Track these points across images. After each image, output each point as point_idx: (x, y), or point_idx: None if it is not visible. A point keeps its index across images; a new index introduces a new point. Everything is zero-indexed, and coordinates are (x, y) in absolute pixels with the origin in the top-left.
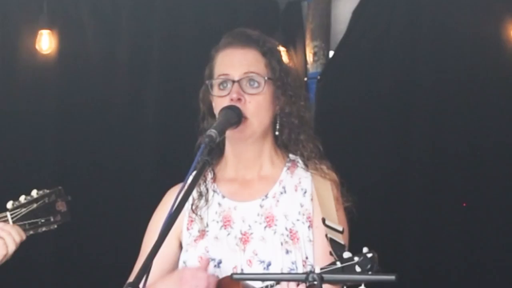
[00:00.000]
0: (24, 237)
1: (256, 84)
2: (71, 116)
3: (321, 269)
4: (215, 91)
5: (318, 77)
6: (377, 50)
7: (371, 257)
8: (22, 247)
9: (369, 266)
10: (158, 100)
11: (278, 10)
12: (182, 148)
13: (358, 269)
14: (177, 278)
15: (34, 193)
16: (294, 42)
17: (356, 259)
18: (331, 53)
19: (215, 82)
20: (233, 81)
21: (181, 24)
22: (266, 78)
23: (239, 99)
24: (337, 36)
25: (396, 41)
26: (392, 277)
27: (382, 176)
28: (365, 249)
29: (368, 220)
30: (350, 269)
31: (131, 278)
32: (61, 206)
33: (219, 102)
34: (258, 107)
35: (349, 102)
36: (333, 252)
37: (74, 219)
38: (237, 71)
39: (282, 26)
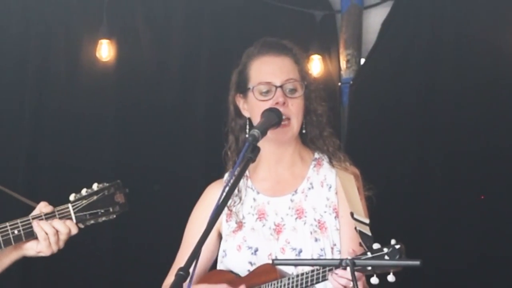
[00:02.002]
0: (74, 230)
1: (295, 89)
2: (128, 118)
3: (354, 258)
4: (257, 96)
5: (351, 82)
6: (403, 58)
7: (398, 248)
8: (83, 236)
9: (397, 256)
10: (206, 104)
11: (315, 21)
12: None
13: (387, 258)
14: None
15: (95, 186)
16: (329, 50)
17: (385, 250)
18: (362, 61)
19: (257, 88)
20: (276, 87)
21: (226, 35)
22: (302, 83)
23: (284, 103)
24: (368, 45)
25: (420, 49)
26: (417, 263)
27: (406, 170)
28: (393, 241)
29: (392, 212)
30: (379, 259)
31: (179, 264)
32: (120, 198)
33: (261, 106)
34: (298, 109)
35: (378, 104)
36: (362, 244)
37: (130, 211)
38: (278, 78)
39: (318, 36)
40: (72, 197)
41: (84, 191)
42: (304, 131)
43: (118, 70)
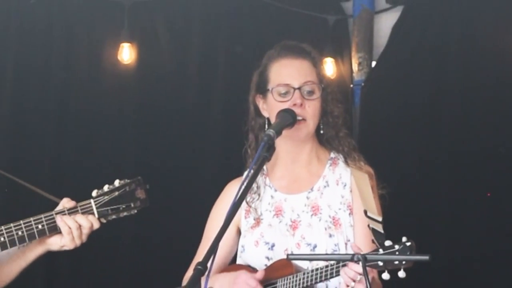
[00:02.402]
0: (96, 225)
1: (312, 91)
2: (148, 117)
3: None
4: (276, 97)
5: (362, 84)
6: (413, 61)
7: (409, 245)
8: (105, 230)
9: (408, 253)
10: (223, 104)
11: (328, 26)
12: (242, 147)
13: (398, 255)
14: (233, 277)
15: (116, 182)
16: (341, 53)
17: (396, 246)
18: (374, 63)
19: (276, 89)
20: (294, 89)
21: (242, 39)
22: (319, 85)
23: (301, 104)
24: (379, 48)
25: (428, 52)
26: (426, 257)
27: (414, 169)
28: (404, 238)
29: (402, 209)
30: (391, 255)
31: (198, 259)
32: (141, 193)
33: (279, 106)
34: (314, 110)
35: (388, 105)
36: (375, 241)
37: (151, 207)
38: (296, 80)
39: (331, 40)
40: (94, 193)
41: (106, 187)
42: (321, 131)
43: (139, 72)
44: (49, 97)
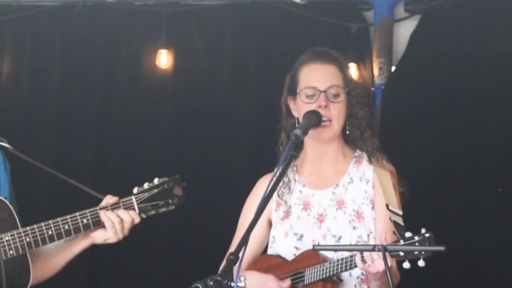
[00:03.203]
0: (137, 220)
1: (338, 94)
2: (184, 119)
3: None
4: (303, 98)
5: (383, 87)
6: (429, 65)
7: (428, 236)
8: (145, 225)
9: (427, 244)
10: (253, 106)
11: (351, 33)
12: (272, 145)
13: (417, 245)
14: (262, 279)
15: (155, 180)
16: (363, 59)
17: (416, 238)
18: (393, 68)
19: (304, 92)
20: (320, 92)
21: (271, 45)
22: (344, 89)
23: (326, 106)
24: (398, 54)
25: (445, 58)
26: (442, 248)
27: (432, 166)
28: (423, 230)
29: (420, 203)
30: (410, 246)
31: (232, 249)
32: (178, 191)
33: (306, 107)
34: (339, 112)
35: (407, 107)
36: (396, 232)
37: (187, 203)
38: (323, 84)
39: (354, 46)
40: (135, 190)
41: (146, 185)
42: (347, 132)
43: (175, 76)
44: (92, 100)
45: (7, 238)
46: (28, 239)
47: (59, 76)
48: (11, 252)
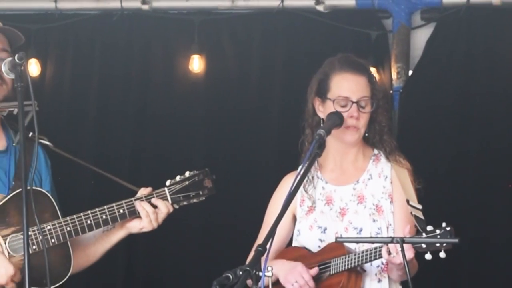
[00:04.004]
0: (171, 209)
1: (366, 105)
2: (215, 118)
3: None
4: (336, 107)
5: (400, 90)
6: (444, 69)
7: (449, 230)
8: (178, 215)
9: (448, 237)
10: (279, 107)
11: (371, 39)
12: (296, 144)
13: (439, 238)
14: (291, 266)
15: (187, 173)
16: (382, 64)
17: (437, 231)
18: (410, 72)
19: (337, 101)
20: (352, 102)
21: (296, 51)
22: (372, 100)
23: (357, 118)
24: (415, 59)
25: (458, 62)
26: (456, 240)
27: (447, 164)
28: (444, 224)
29: (434, 200)
30: (432, 239)
31: (259, 241)
32: (208, 183)
33: None
34: (366, 121)
35: (423, 109)
36: (417, 226)
37: (218, 196)
38: (355, 95)
39: (373, 52)
40: (168, 182)
41: (178, 177)
42: (366, 134)
43: (207, 80)
44: (129, 101)
45: (48, 227)
46: (68, 228)
47: (98, 79)
48: (52, 240)
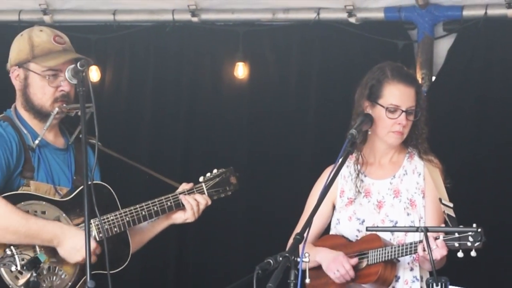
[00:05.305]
0: (209, 202)
1: (412, 114)
2: (258, 120)
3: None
4: (387, 114)
5: (425, 94)
6: (464, 75)
7: (480, 231)
8: (223, 206)
9: (479, 238)
10: (315, 109)
11: (398, 48)
12: (334, 141)
13: (471, 239)
14: (334, 255)
15: (214, 170)
16: None
17: (469, 232)
18: (433, 78)
19: (389, 108)
20: (402, 111)
21: (331, 58)
22: (418, 110)
23: (404, 126)
24: (438, 66)
25: (477, 69)
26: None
27: (468, 163)
28: (474, 225)
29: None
30: (464, 239)
31: (298, 229)
32: (233, 180)
33: (387, 120)
34: (409, 128)
35: (446, 111)
36: (450, 225)
37: (260, 189)
38: (405, 104)
39: (400, 60)
40: (201, 178)
41: (208, 174)
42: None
43: (250, 85)
44: (180, 105)
45: (111, 218)
46: (127, 219)
47: (152, 84)
48: (115, 229)
